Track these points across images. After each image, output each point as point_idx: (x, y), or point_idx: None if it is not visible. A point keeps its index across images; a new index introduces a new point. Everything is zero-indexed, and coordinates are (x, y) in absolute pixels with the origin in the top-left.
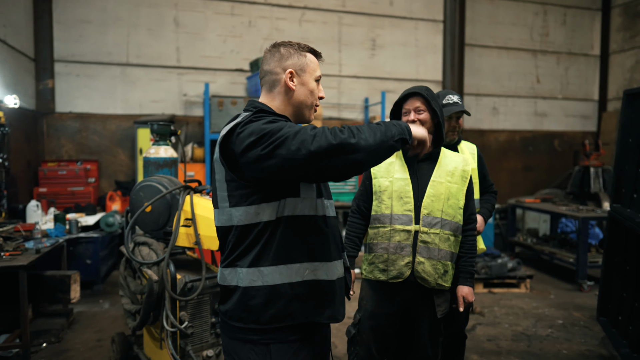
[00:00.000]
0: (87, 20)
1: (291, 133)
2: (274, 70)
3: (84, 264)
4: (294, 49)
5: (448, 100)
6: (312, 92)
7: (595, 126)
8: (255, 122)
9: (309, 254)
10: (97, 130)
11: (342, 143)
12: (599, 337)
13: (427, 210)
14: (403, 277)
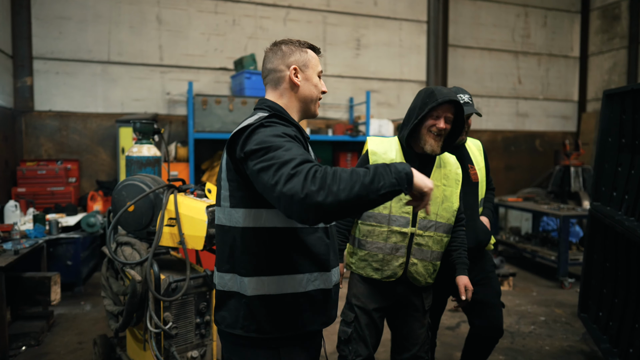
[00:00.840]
0: (66, 17)
1: (279, 162)
2: (277, 68)
3: (64, 266)
4: (295, 46)
5: (459, 99)
6: (316, 86)
7: (575, 126)
8: (265, 129)
9: (312, 265)
10: (77, 129)
11: (307, 196)
12: (580, 333)
13: (424, 213)
14: (396, 277)
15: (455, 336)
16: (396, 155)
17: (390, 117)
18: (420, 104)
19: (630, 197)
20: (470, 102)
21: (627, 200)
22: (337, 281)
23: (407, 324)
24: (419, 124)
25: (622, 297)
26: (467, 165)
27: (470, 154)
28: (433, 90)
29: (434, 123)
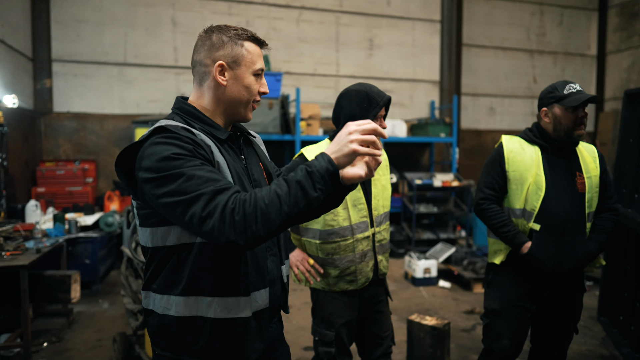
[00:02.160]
0: (84, 20)
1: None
2: (203, 61)
3: (82, 264)
4: (227, 36)
5: (570, 89)
6: (248, 87)
7: (592, 126)
8: (155, 148)
9: (221, 288)
10: (94, 130)
11: (228, 242)
12: (599, 337)
13: (377, 210)
14: (369, 281)
15: (471, 338)
16: None
17: (404, 117)
18: (358, 109)
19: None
20: (583, 91)
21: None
22: (263, 306)
23: (377, 320)
24: None
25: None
26: (575, 173)
27: (580, 159)
28: (367, 93)
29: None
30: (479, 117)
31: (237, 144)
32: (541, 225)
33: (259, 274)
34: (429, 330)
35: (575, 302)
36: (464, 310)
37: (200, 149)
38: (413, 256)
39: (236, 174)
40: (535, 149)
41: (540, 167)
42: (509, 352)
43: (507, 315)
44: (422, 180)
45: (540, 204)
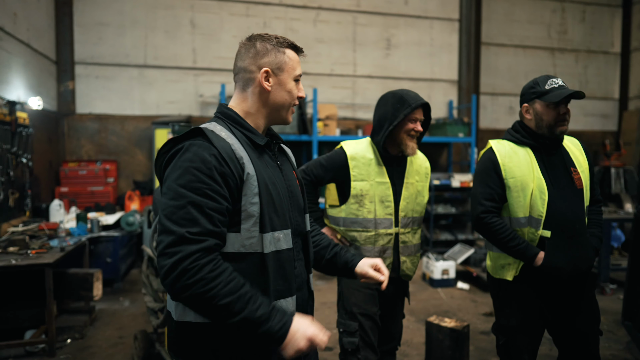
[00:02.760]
0: (105, 23)
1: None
2: (248, 68)
3: (104, 262)
4: (271, 44)
5: (551, 84)
6: (290, 92)
7: (615, 125)
8: (177, 160)
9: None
10: (115, 130)
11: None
12: (623, 341)
13: (404, 212)
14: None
15: (490, 341)
16: (374, 157)
17: None
18: (392, 110)
19: None
20: (565, 86)
21: None
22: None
23: (394, 318)
24: (396, 129)
25: None
26: (570, 169)
27: (570, 154)
28: (402, 96)
29: (413, 127)
30: (498, 117)
31: (273, 150)
32: (552, 230)
33: (285, 282)
34: (448, 332)
35: (589, 300)
36: (482, 312)
37: (224, 166)
38: (431, 257)
39: (265, 184)
40: (526, 151)
41: (537, 169)
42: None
43: (528, 331)
44: (440, 181)
45: (546, 208)
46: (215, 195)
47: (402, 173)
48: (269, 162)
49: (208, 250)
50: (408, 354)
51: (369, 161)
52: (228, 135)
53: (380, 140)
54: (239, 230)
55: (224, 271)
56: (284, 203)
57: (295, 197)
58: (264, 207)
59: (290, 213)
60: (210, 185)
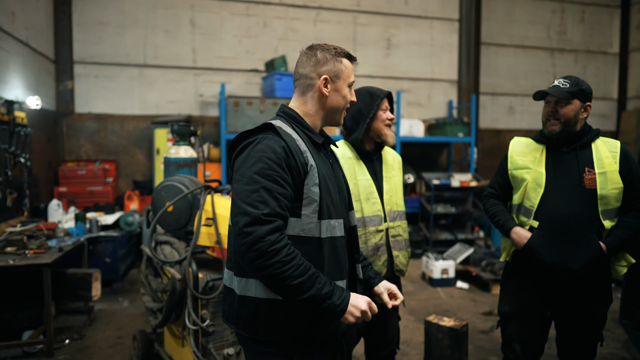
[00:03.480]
0: (105, 22)
1: (240, 207)
2: (309, 75)
3: (103, 263)
4: (330, 54)
5: (552, 84)
6: (345, 97)
7: (614, 125)
8: (250, 151)
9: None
10: (115, 130)
11: (250, 262)
12: (621, 340)
13: (389, 206)
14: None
15: (489, 340)
16: (353, 155)
17: (421, 117)
18: (363, 105)
19: None
20: (561, 86)
21: None
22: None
23: (387, 321)
24: (372, 121)
25: None
26: (584, 169)
27: (594, 155)
28: (367, 90)
29: (387, 115)
30: (498, 117)
31: (326, 149)
32: (541, 222)
33: (337, 266)
34: (447, 331)
35: (596, 311)
36: (482, 311)
37: (290, 158)
38: (431, 257)
39: (324, 176)
40: (541, 148)
41: (542, 164)
42: (523, 357)
43: (518, 319)
44: (439, 181)
45: (539, 200)
46: (283, 182)
47: (380, 167)
48: (324, 159)
49: (277, 229)
50: (407, 353)
51: (350, 160)
52: (292, 131)
53: (359, 136)
54: (299, 216)
55: (296, 256)
56: (336, 196)
57: (343, 193)
58: (322, 196)
59: (340, 206)
60: (280, 173)
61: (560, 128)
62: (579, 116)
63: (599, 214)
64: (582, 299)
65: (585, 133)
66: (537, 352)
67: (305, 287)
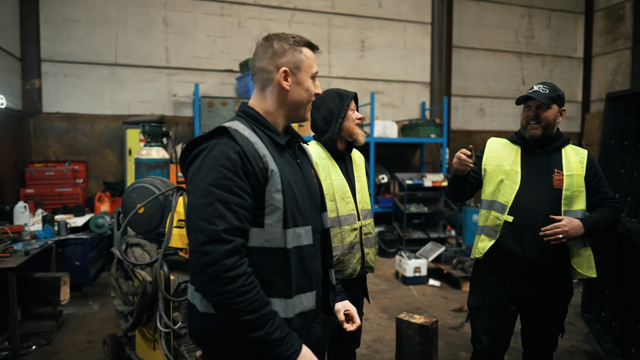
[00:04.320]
0: (74, 20)
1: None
2: (266, 68)
3: (72, 266)
4: (289, 44)
5: (532, 89)
6: (308, 90)
7: (579, 127)
8: (203, 159)
9: (264, 290)
10: (85, 130)
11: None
12: (583, 333)
13: (361, 204)
14: (356, 274)
15: (459, 336)
16: (326, 155)
17: (395, 118)
18: (334, 105)
19: (633, 199)
20: (541, 91)
21: (629, 202)
22: (307, 308)
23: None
24: (344, 121)
25: (625, 297)
26: (554, 170)
27: (563, 158)
28: (335, 92)
29: (356, 115)
30: (469, 118)
31: (293, 149)
32: (514, 217)
33: (306, 277)
34: (418, 328)
35: (557, 304)
36: (452, 308)
37: (247, 164)
38: (404, 255)
39: (287, 181)
40: (516, 148)
41: (517, 163)
42: (490, 349)
43: (486, 312)
44: (412, 181)
45: (514, 197)
46: (240, 191)
47: (351, 167)
48: (289, 160)
49: (236, 252)
50: (380, 350)
51: (325, 160)
52: (251, 134)
53: (332, 135)
54: (262, 225)
55: (252, 289)
56: (304, 201)
57: (313, 195)
58: (287, 204)
59: (309, 211)
60: (236, 182)
61: (541, 132)
62: (556, 120)
63: (562, 213)
64: (544, 293)
65: (557, 138)
66: (504, 344)
67: (255, 326)
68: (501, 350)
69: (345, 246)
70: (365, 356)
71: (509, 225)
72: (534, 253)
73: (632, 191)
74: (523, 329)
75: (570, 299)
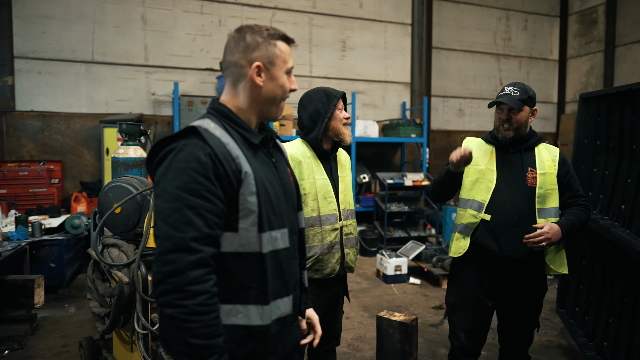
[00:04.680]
0: (49, 16)
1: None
2: (238, 63)
3: (48, 268)
4: (262, 37)
5: (502, 91)
6: (282, 86)
7: (554, 127)
8: (172, 160)
9: (240, 296)
10: (60, 129)
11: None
12: (558, 328)
13: (343, 205)
14: (335, 274)
15: (439, 333)
16: (311, 154)
17: (376, 118)
18: (320, 104)
19: (605, 197)
20: (512, 94)
21: (602, 200)
22: (285, 313)
23: (335, 317)
24: (330, 121)
25: (598, 293)
26: (528, 169)
27: (537, 157)
28: (324, 90)
29: (343, 114)
30: (448, 118)
31: (267, 147)
32: (491, 215)
33: (282, 282)
34: (398, 325)
35: (532, 299)
36: (432, 305)
37: (219, 167)
38: (384, 254)
39: (262, 183)
40: (491, 148)
41: (492, 162)
42: (467, 345)
43: (462, 308)
44: (393, 180)
45: (490, 195)
46: (211, 196)
47: (335, 167)
48: (264, 159)
49: (204, 264)
50: (361, 348)
51: (309, 159)
52: (222, 133)
53: (317, 135)
54: (236, 230)
55: (212, 312)
56: (280, 201)
57: (290, 195)
58: (262, 206)
59: (286, 211)
60: (206, 186)
61: (513, 134)
62: (528, 121)
63: (536, 211)
64: (520, 289)
65: (530, 137)
66: (480, 340)
67: (199, 354)
68: (478, 346)
69: (325, 245)
70: (346, 354)
71: (486, 223)
72: (510, 250)
73: (604, 189)
74: (499, 324)
75: (545, 294)
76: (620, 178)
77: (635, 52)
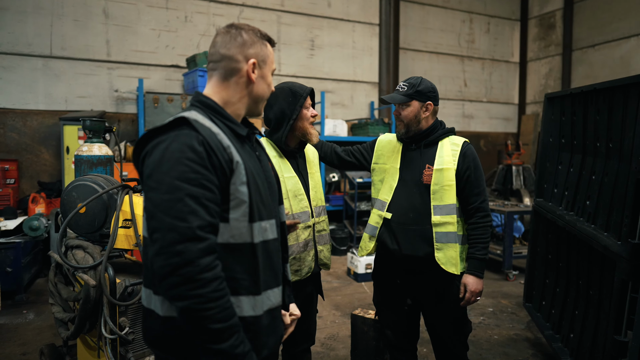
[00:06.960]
0: (2, 7)
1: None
2: (234, 57)
3: (3, 273)
4: (257, 36)
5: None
6: (270, 86)
7: (515, 127)
8: (170, 152)
9: (230, 288)
10: (16, 127)
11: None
12: (524, 321)
13: (315, 201)
14: (312, 272)
15: None
16: (276, 153)
17: (345, 117)
18: (286, 104)
19: (570, 193)
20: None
21: (567, 196)
22: (274, 304)
23: (310, 316)
24: (297, 120)
25: (563, 286)
26: (425, 165)
27: (437, 153)
28: (290, 88)
29: (311, 112)
30: None
31: (251, 140)
32: (392, 214)
33: (272, 273)
34: (372, 323)
35: (443, 297)
36: None
37: (213, 156)
38: (355, 253)
39: (251, 173)
40: (399, 146)
41: (397, 160)
42: (396, 343)
43: (387, 307)
44: (363, 179)
45: (392, 194)
46: (210, 184)
47: (304, 164)
48: (250, 152)
49: (212, 251)
50: (334, 347)
51: (275, 159)
52: (211, 124)
53: (282, 137)
54: (227, 220)
55: (224, 295)
56: (266, 193)
57: (273, 188)
58: (252, 196)
59: (271, 204)
60: (205, 175)
61: (405, 129)
62: (421, 116)
63: (431, 209)
64: (431, 287)
65: (432, 132)
66: (409, 338)
67: (221, 337)
68: (408, 344)
69: (300, 244)
70: (319, 354)
71: (388, 222)
72: (409, 249)
73: (569, 186)
74: (425, 322)
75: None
76: (585, 175)
77: (591, 56)
